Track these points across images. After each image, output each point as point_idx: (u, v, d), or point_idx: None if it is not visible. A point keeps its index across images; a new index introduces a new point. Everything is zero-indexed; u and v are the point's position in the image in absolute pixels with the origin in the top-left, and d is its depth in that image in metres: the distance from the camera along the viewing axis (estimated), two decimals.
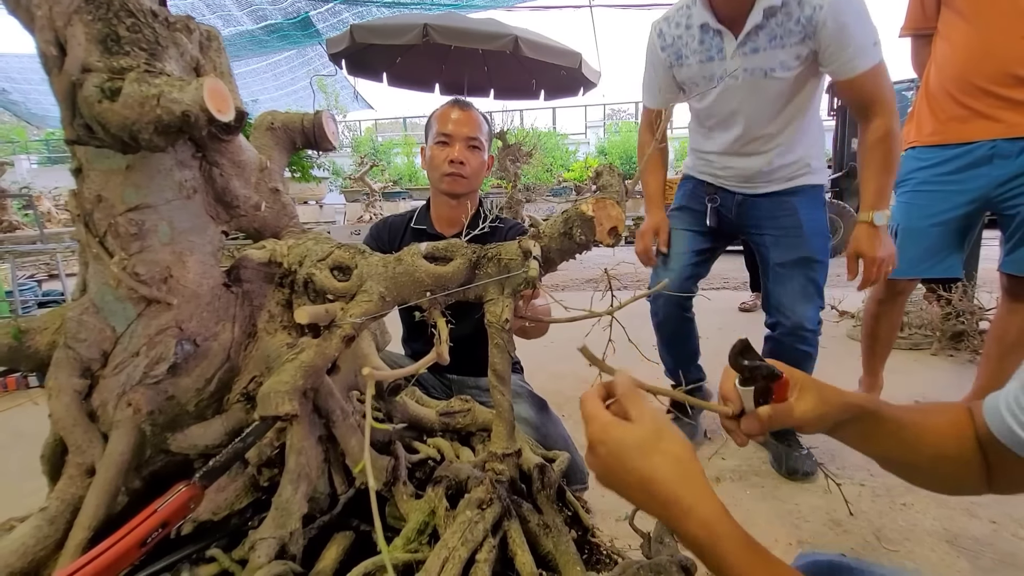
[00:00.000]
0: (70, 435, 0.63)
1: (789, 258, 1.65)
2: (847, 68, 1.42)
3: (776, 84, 1.50)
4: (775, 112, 1.57)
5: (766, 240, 1.71)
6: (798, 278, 1.63)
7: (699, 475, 0.46)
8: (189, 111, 0.53)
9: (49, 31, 0.54)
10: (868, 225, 1.54)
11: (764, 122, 1.59)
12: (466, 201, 1.59)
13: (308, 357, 0.66)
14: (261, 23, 8.51)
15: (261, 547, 0.61)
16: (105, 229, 0.65)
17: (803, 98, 1.57)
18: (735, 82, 1.53)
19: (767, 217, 1.69)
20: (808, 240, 1.62)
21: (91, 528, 0.59)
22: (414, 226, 1.63)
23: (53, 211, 10.36)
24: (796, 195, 1.65)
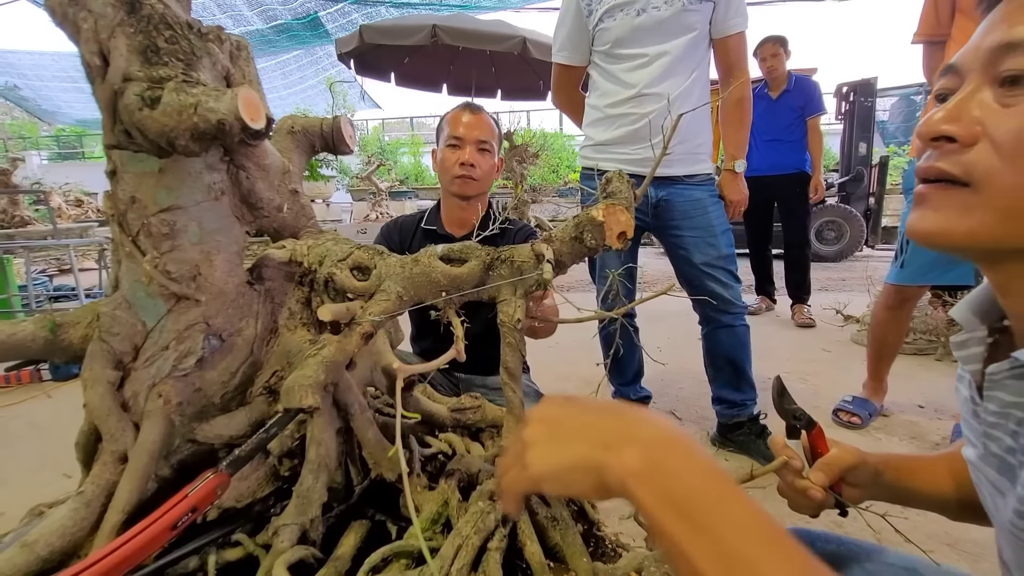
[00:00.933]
0: (104, 424, 0.66)
1: (708, 257, 1.82)
2: (730, 24, 1.65)
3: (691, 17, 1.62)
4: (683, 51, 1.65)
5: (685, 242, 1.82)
6: (721, 272, 1.82)
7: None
8: (224, 120, 0.56)
9: (94, 43, 0.57)
10: (731, 172, 1.83)
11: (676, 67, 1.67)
12: (476, 203, 1.62)
13: (329, 353, 0.69)
14: (271, 23, 8.57)
15: (284, 532, 0.64)
16: (138, 229, 0.68)
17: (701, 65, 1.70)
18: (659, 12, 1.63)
19: (682, 216, 1.80)
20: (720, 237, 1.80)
21: (125, 512, 0.62)
22: (425, 227, 1.66)
23: (63, 207, 10.47)
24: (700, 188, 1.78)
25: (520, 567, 0.72)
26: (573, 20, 1.77)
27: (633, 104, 1.70)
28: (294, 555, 0.62)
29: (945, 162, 0.42)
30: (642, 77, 1.69)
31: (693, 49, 1.67)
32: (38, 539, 0.58)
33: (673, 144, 1.67)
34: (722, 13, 1.64)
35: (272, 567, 0.59)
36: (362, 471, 0.80)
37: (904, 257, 1.91)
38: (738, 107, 1.79)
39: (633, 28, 1.66)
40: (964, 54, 0.45)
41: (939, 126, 0.42)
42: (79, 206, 11.38)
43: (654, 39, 1.66)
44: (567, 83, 1.95)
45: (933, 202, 0.43)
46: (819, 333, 3.48)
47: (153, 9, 0.58)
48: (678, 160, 1.73)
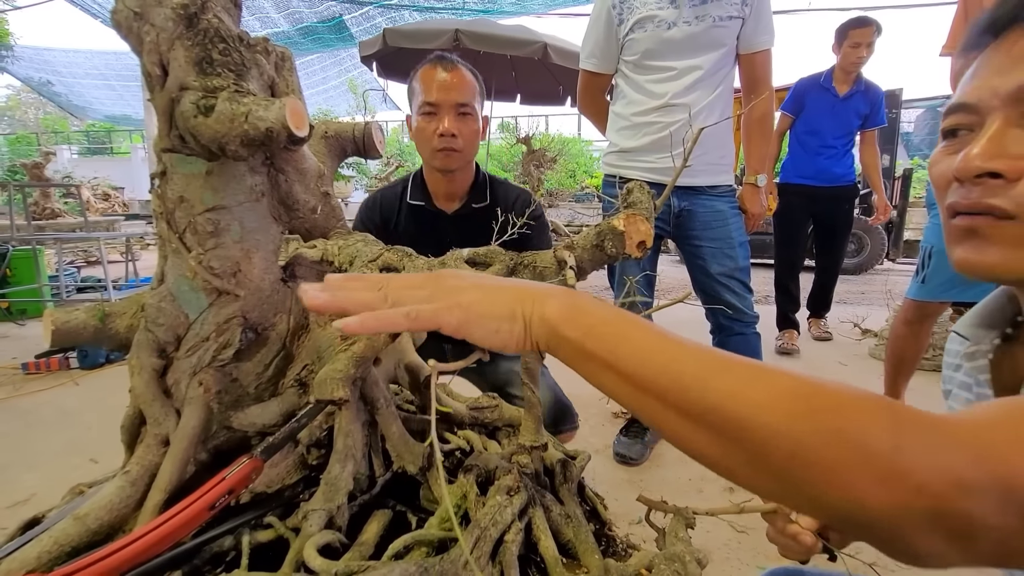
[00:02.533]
0: (149, 408, 0.71)
1: (725, 268, 1.86)
2: (758, 41, 1.68)
3: (721, 33, 1.65)
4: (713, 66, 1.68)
5: (703, 252, 1.85)
6: (736, 284, 1.86)
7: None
8: (272, 128, 0.60)
9: (155, 54, 0.62)
10: (752, 186, 1.86)
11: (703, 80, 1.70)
12: (463, 173, 1.45)
13: (359, 348, 0.73)
14: (297, 25, 8.74)
15: (312, 517, 0.68)
16: (185, 227, 0.73)
17: (727, 80, 1.73)
18: (689, 27, 1.65)
19: (702, 226, 1.82)
20: (737, 249, 1.83)
21: (166, 491, 0.66)
22: (411, 202, 1.49)
23: (92, 200, 10.76)
24: (721, 199, 1.81)
25: (534, 561, 0.75)
26: (604, 28, 1.78)
27: (660, 113, 1.72)
28: (322, 539, 0.66)
29: (995, 198, 0.44)
30: (670, 88, 1.71)
31: (721, 64, 1.69)
32: (89, 513, 0.62)
33: (696, 155, 1.64)
34: (751, 29, 1.67)
35: (302, 549, 0.63)
36: (385, 463, 0.83)
37: (925, 272, 1.90)
38: (762, 122, 1.82)
39: (663, 41, 1.68)
40: (979, 93, 0.46)
41: (985, 163, 0.44)
42: (106, 200, 11.69)
43: (684, 53, 1.68)
44: (593, 90, 1.97)
45: (990, 236, 0.45)
46: (836, 346, 3.46)
47: (209, 23, 0.63)
48: (701, 171, 1.75)
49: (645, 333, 0.38)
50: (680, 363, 0.35)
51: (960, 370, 0.58)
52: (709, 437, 0.34)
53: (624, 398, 0.38)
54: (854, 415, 0.30)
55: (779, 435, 0.31)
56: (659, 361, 0.36)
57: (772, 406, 0.31)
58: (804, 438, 0.30)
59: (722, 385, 0.33)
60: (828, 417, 0.30)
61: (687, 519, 0.80)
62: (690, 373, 0.35)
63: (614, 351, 0.37)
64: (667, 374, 0.35)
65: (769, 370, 0.34)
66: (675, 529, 0.79)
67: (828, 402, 0.31)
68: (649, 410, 0.36)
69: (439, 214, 1.49)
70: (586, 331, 0.39)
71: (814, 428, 0.30)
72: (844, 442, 0.29)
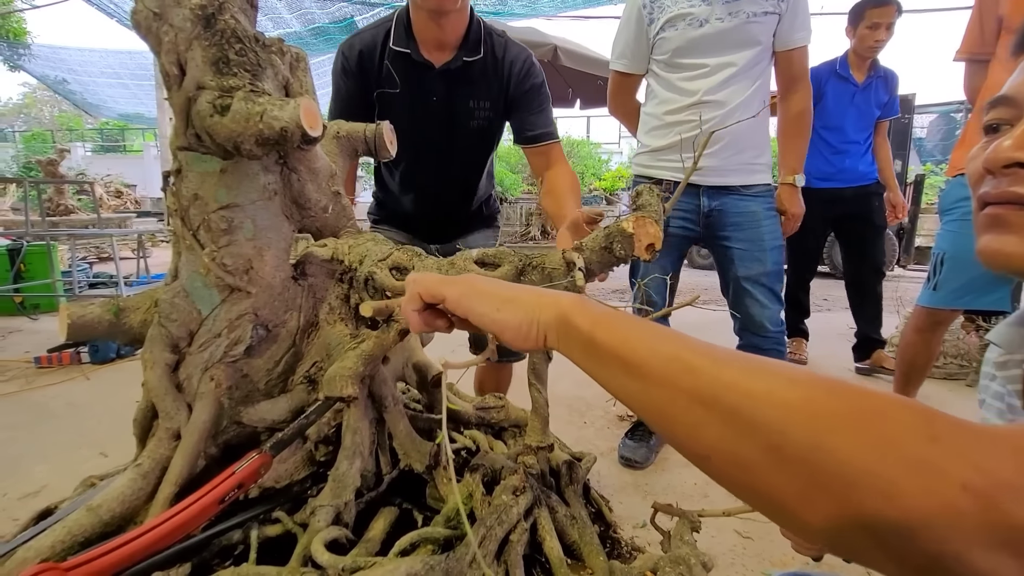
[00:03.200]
0: (161, 402, 0.72)
1: (752, 272, 1.80)
2: (795, 37, 1.63)
3: (755, 29, 1.61)
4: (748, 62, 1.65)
5: (732, 254, 1.81)
6: (762, 290, 1.80)
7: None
8: (287, 127, 0.61)
9: (173, 54, 0.63)
10: (791, 186, 1.79)
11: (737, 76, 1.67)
12: (456, 18, 1.26)
13: (368, 347, 0.74)
14: (308, 26, 8.80)
15: (320, 513, 0.69)
16: (199, 224, 0.74)
17: (763, 77, 1.69)
18: (722, 23, 1.62)
19: (733, 226, 1.77)
20: (769, 253, 1.78)
21: (177, 484, 0.67)
22: (395, 48, 1.30)
23: (105, 197, 10.88)
24: (756, 200, 1.75)
25: (539, 561, 0.75)
26: (634, 28, 1.77)
27: (691, 112, 1.69)
28: (329, 534, 0.66)
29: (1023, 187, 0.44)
30: (702, 85, 1.68)
31: (756, 61, 1.66)
32: (102, 504, 0.63)
33: (728, 154, 1.69)
34: (787, 26, 1.63)
35: (310, 544, 0.64)
36: (392, 461, 0.84)
37: (937, 280, 1.88)
38: (799, 120, 1.77)
39: (695, 38, 1.66)
40: (1020, 87, 0.47)
41: (1014, 153, 0.44)
42: (119, 197, 11.83)
43: (717, 50, 1.65)
44: (624, 90, 1.95)
45: (1014, 226, 0.45)
46: (846, 352, 3.43)
47: (226, 24, 0.64)
48: (733, 170, 1.72)
49: (654, 326, 0.38)
50: (690, 351, 0.35)
51: (995, 380, 0.57)
52: (720, 424, 0.32)
53: (630, 391, 0.37)
54: (885, 406, 0.27)
55: (800, 420, 0.28)
56: (669, 349, 0.35)
57: (790, 388, 0.30)
58: (828, 424, 0.27)
59: (735, 370, 0.32)
60: (856, 404, 0.28)
61: (692, 522, 0.80)
62: (701, 359, 0.34)
63: (625, 340, 0.37)
64: (678, 360, 0.34)
65: (787, 365, 0.33)
66: (680, 532, 0.79)
67: (855, 391, 0.29)
68: (656, 401, 0.35)
69: (426, 67, 1.31)
70: (595, 320, 0.40)
71: (840, 412, 0.27)
72: (876, 432, 0.26)
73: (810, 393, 0.29)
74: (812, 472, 0.27)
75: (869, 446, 0.26)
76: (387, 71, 1.35)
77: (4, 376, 2.90)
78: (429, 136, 1.41)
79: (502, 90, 1.43)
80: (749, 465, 0.30)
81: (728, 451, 0.32)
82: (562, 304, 0.42)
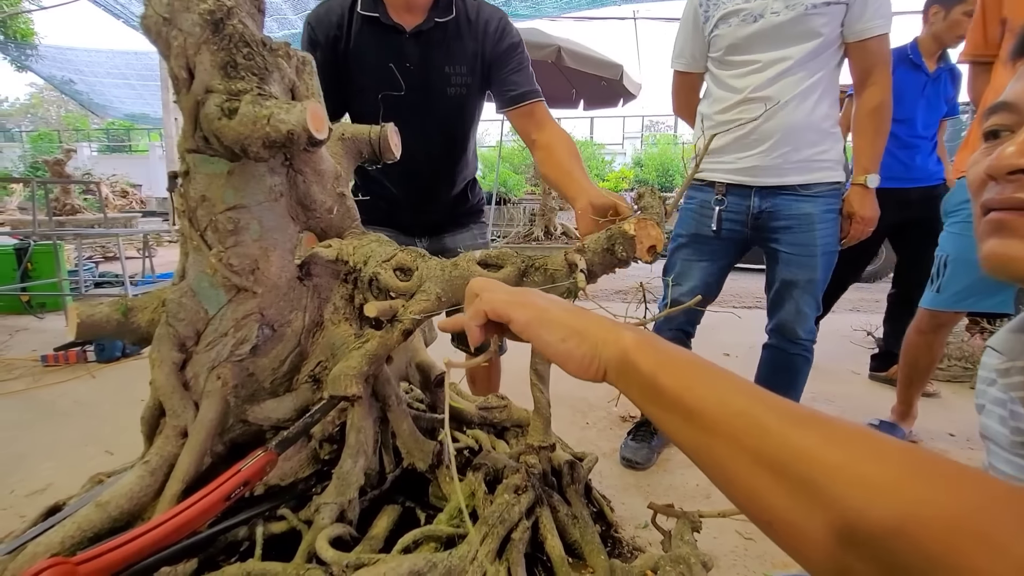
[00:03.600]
0: (168, 401, 0.73)
1: (797, 278, 1.72)
2: (868, 27, 1.50)
3: (816, 20, 1.51)
4: (806, 56, 1.55)
5: (778, 256, 1.74)
6: (802, 296, 1.73)
7: None
8: (293, 130, 0.62)
9: (182, 57, 0.64)
10: (863, 187, 1.64)
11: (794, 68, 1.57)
12: None
13: (372, 347, 0.75)
14: None
15: (324, 511, 0.70)
16: (206, 224, 0.75)
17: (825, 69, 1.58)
18: (778, 17, 1.54)
19: (783, 229, 1.69)
20: (818, 260, 1.68)
21: (184, 481, 0.68)
22: (362, 12, 1.28)
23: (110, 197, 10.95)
24: (814, 202, 1.64)
25: (540, 560, 0.76)
26: (691, 26, 1.73)
27: (739, 110, 1.63)
28: (334, 532, 0.67)
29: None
30: (752, 82, 1.61)
31: (816, 54, 1.55)
32: (110, 500, 0.64)
33: (782, 151, 1.60)
34: (857, 14, 1.51)
35: (314, 541, 0.65)
36: (395, 460, 0.85)
37: (940, 282, 1.88)
38: (874, 115, 1.63)
39: (748, 35, 1.60)
40: (1020, 93, 0.47)
41: (1017, 160, 0.44)
42: (124, 197, 11.90)
43: (770, 45, 1.57)
44: (685, 90, 1.90)
45: (1018, 231, 0.45)
46: (849, 354, 3.42)
47: (234, 28, 0.65)
48: (790, 168, 1.62)
49: (722, 373, 0.36)
50: (760, 406, 0.32)
51: (994, 385, 0.57)
52: (787, 494, 0.29)
53: (691, 441, 0.35)
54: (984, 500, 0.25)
55: (884, 503, 0.25)
56: (738, 402, 0.33)
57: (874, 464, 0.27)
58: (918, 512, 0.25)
59: (811, 434, 0.29)
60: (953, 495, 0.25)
61: (693, 523, 0.80)
62: (772, 418, 0.31)
63: (689, 387, 0.35)
64: (745, 416, 0.32)
65: (873, 433, 0.29)
66: (681, 532, 0.79)
67: (949, 475, 0.26)
68: (718, 456, 0.33)
69: (396, 31, 1.29)
70: (660, 363, 0.38)
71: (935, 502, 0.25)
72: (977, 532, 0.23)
73: (898, 473, 0.26)
74: (893, 562, 0.25)
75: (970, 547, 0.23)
76: (356, 38, 1.31)
77: (11, 374, 2.92)
78: (405, 106, 1.34)
79: (478, 53, 1.38)
80: (817, 543, 0.28)
81: (794, 523, 0.29)
82: (624, 341, 0.41)
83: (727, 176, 1.72)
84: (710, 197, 1.77)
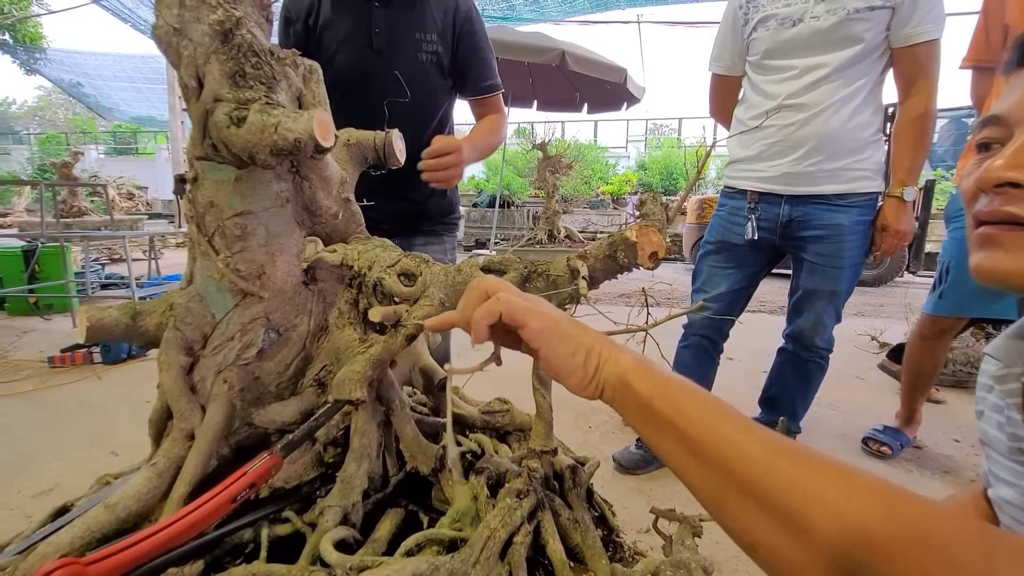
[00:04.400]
0: (176, 403, 0.74)
1: (820, 287, 1.70)
2: (916, 32, 1.45)
3: (857, 26, 1.47)
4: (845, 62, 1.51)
5: (803, 264, 1.73)
6: (823, 306, 1.72)
7: None
8: (300, 139, 0.63)
9: (192, 67, 0.65)
10: (898, 199, 1.60)
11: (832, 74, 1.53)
12: None
13: (376, 351, 0.75)
14: None
15: (328, 513, 0.71)
16: (214, 230, 0.76)
17: (867, 76, 1.55)
18: (817, 22, 1.51)
19: (812, 239, 1.66)
20: (844, 272, 1.66)
21: (191, 483, 0.69)
22: None
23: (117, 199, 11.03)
24: (847, 212, 1.61)
25: (542, 563, 0.76)
26: (730, 29, 1.70)
27: (773, 117, 1.60)
28: (337, 534, 0.68)
29: (1014, 206, 0.44)
30: (786, 88, 1.57)
31: (856, 60, 1.51)
32: (118, 502, 0.65)
33: (817, 160, 1.57)
34: (905, 18, 1.45)
35: (318, 543, 0.65)
36: (398, 463, 0.86)
37: (943, 287, 1.88)
38: (915, 124, 1.57)
39: (786, 39, 1.55)
40: (1011, 108, 0.47)
41: (1004, 173, 0.44)
42: (131, 199, 11.99)
43: (809, 50, 1.53)
44: (721, 93, 1.87)
45: (1004, 244, 0.46)
46: (853, 359, 3.41)
47: (243, 38, 0.66)
48: (824, 176, 1.60)
49: (713, 402, 0.38)
50: (747, 436, 0.34)
51: (993, 392, 0.58)
52: (770, 521, 0.31)
53: (681, 464, 0.37)
54: (942, 527, 0.27)
55: (854, 538, 0.28)
56: (726, 431, 0.35)
57: (847, 499, 0.29)
58: (884, 549, 0.27)
59: (792, 468, 0.31)
60: (914, 523, 0.27)
61: (694, 527, 0.81)
62: (757, 448, 0.33)
63: (682, 413, 0.37)
64: (733, 444, 0.34)
65: (845, 466, 0.31)
66: (682, 537, 0.80)
67: (914, 508, 0.28)
68: (707, 481, 0.35)
69: (364, 1, 1.38)
70: (655, 387, 0.40)
71: (897, 538, 0.27)
72: (932, 552, 0.26)
73: (867, 510, 0.28)
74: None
75: (925, 562, 0.26)
76: (326, 10, 1.38)
77: (19, 375, 2.95)
78: (373, 74, 1.39)
79: (448, 25, 1.44)
80: (797, 568, 0.30)
81: (775, 548, 0.31)
82: (622, 364, 0.42)
83: (758, 184, 1.70)
84: (741, 205, 1.76)
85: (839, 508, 0.29)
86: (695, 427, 0.36)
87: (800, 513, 0.30)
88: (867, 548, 0.27)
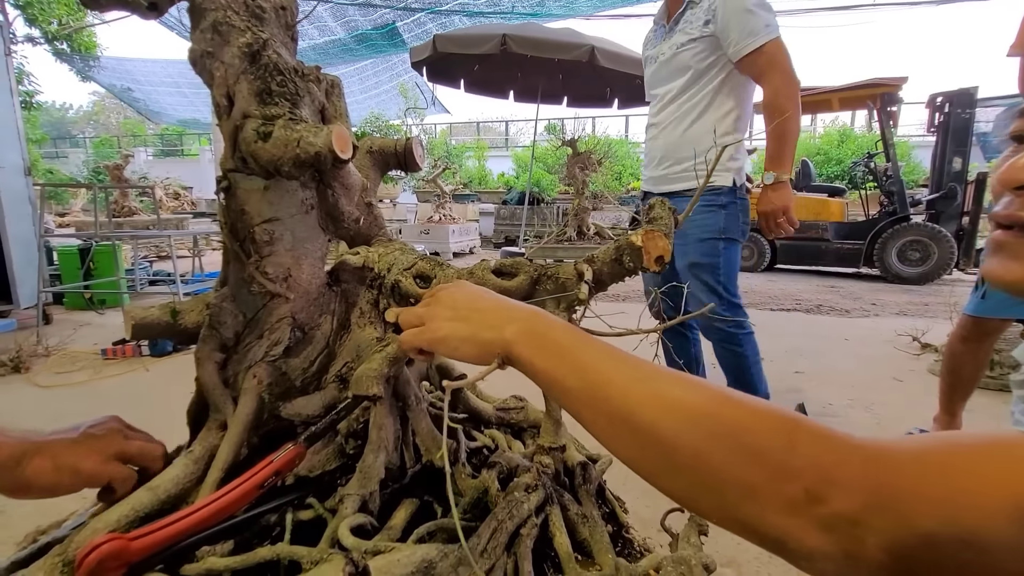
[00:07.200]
0: (211, 396, 0.80)
1: (681, 265, 2.03)
2: (739, 48, 1.78)
3: (684, 56, 1.89)
4: (682, 86, 1.93)
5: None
6: (693, 283, 1.99)
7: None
8: (320, 152, 0.67)
9: (223, 87, 0.70)
10: (766, 187, 1.89)
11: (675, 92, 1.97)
12: None
13: (392, 350, 0.80)
14: (352, 32, 9.10)
15: (348, 501, 0.75)
16: (245, 236, 0.82)
17: (704, 92, 1.91)
18: (663, 58, 1.97)
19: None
20: (692, 245, 1.96)
21: (223, 470, 0.75)
22: None
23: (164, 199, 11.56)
24: (681, 199, 1.95)
25: (549, 556, 0.79)
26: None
27: (648, 136, 2.15)
28: (355, 520, 0.73)
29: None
30: (651, 112, 2.10)
31: (691, 83, 1.91)
32: (159, 485, 0.71)
33: (666, 164, 2.03)
34: (725, 41, 1.80)
35: (338, 528, 0.70)
36: (415, 456, 0.90)
37: (986, 287, 1.81)
38: (769, 114, 1.83)
39: (651, 74, 2.08)
40: None
41: (1022, 174, 0.42)
42: (177, 199, 12.55)
43: (662, 81, 2.01)
44: None
45: (1013, 250, 0.43)
46: (892, 360, 3.30)
47: (269, 59, 0.71)
48: (675, 177, 2.02)
49: (588, 352, 0.43)
50: (609, 375, 0.40)
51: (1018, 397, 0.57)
52: (630, 440, 0.37)
53: (568, 409, 0.43)
54: (753, 421, 0.33)
55: (682, 437, 0.34)
56: (591, 376, 0.41)
57: (678, 411, 0.35)
58: (704, 439, 0.33)
59: (639, 393, 0.37)
60: (729, 421, 0.33)
61: (700, 525, 0.82)
62: (616, 383, 0.39)
63: (558, 368, 0.43)
64: (598, 386, 0.40)
65: (686, 381, 0.37)
66: (688, 534, 0.81)
67: (733, 410, 0.34)
68: (587, 419, 0.41)
69: None
70: (535, 351, 0.45)
71: (714, 431, 0.33)
72: (741, 444, 0.32)
73: (695, 411, 0.35)
74: (697, 480, 0.34)
75: (735, 453, 0.32)
76: None
77: (75, 366, 3.16)
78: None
79: None
80: (653, 472, 0.37)
81: (637, 460, 0.37)
82: (507, 335, 0.48)
83: (646, 186, 2.22)
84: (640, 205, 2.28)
85: (671, 420, 0.35)
86: (569, 379, 0.42)
87: (647, 429, 0.36)
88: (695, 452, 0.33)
